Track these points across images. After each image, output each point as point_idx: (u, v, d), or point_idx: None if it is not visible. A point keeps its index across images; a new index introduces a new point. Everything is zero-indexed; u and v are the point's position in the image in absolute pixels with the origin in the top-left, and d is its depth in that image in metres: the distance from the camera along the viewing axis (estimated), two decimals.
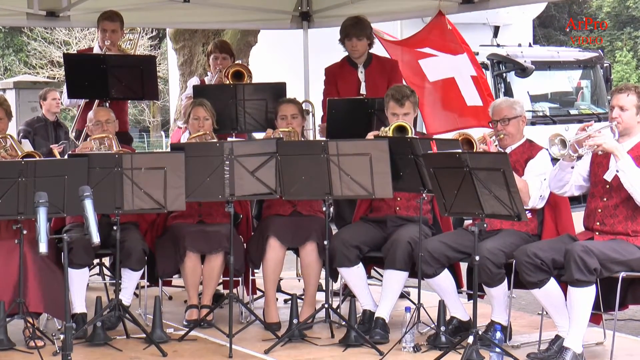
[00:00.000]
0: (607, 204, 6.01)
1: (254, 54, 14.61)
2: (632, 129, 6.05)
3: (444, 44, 8.52)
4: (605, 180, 6.03)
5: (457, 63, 8.41)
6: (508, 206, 5.73)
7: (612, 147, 5.88)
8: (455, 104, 8.45)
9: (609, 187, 6.02)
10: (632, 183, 5.86)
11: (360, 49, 8.03)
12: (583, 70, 16.16)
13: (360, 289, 6.83)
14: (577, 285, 5.75)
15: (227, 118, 7.73)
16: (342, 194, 6.47)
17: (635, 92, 6.03)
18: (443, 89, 8.54)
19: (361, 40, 8.01)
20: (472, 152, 6.35)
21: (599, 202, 6.05)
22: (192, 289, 7.01)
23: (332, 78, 8.19)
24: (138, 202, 6.33)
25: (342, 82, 8.14)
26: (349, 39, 8.03)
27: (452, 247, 6.42)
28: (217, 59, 8.46)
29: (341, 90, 8.10)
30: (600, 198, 6.05)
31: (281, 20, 9.93)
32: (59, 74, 30.18)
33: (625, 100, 6.02)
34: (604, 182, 6.04)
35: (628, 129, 6.03)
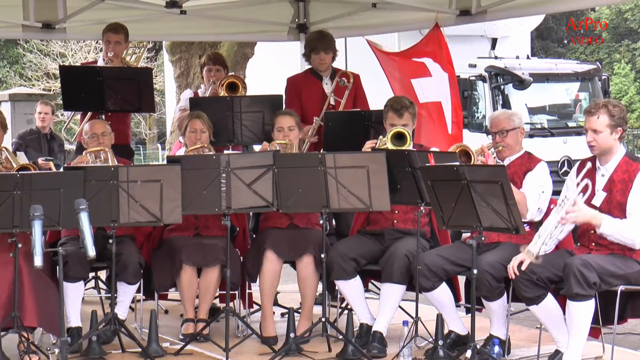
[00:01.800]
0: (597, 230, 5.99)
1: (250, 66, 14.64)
2: (611, 149, 6.03)
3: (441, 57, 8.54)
4: (594, 205, 6.02)
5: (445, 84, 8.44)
6: (506, 219, 5.73)
7: (587, 218, 5.87)
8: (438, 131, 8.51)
9: (599, 210, 6.00)
10: (619, 239, 5.88)
11: (327, 62, 8.23)
12: (581, 83, 16.20)
13: (358, 302, 6.82)
14: (576, 300, 5.74)
15: (223, 130, 7.73)
16: (339, 206, 6.47)
17: (605, 111, 5.98)
18: (430, 112, 8.59)
19: (328, 54, 8.22)
20: (469, 164, 6.35)
21: (590, 225, 6.02)
22: (189, 302, 7.00)
23: (295, 87, 8.28)
24: (134, 215, 6.33)
25: (307, 92, 8.22)
26: (316, 52, 8.20)
27: (450, 260, 6.42)
28: (211, 71, 8.47)
29: (305, 101, 8.19)
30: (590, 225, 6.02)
31: (278, 32, 9.94)
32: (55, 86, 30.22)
33: (597, 123, 6.00)
34: (592, 207, 6.01)
35: (605, 150, 6.02)
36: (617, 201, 5.97)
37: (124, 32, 8.28)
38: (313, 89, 8.24)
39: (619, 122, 6.02)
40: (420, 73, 8.67)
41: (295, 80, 8.35)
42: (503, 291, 6.24)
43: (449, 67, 8.52)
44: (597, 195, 6.01)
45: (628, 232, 5.86)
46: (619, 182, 5.98)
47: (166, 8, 8.72)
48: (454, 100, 8.50)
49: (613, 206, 5.97)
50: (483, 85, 15.14)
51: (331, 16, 9.51)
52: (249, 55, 14.37)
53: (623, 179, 5.98)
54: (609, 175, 6.04)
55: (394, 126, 6.88)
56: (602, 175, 6.08)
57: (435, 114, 8.57)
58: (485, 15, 8.65)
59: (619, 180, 5.99)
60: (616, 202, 5.97)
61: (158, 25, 9.59)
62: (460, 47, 14.74)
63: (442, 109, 8.50)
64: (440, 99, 8.48)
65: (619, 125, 6.01)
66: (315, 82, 8.26)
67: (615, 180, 6.00)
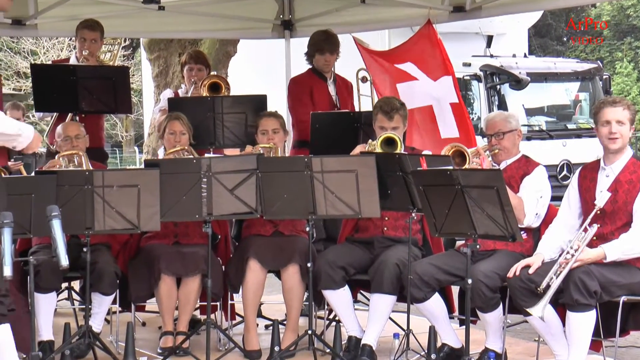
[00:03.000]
0: (602, 232, 6.01)
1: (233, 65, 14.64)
2: (625, 146, 6.11)
3: (427, 61, 8.57)
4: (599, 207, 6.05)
5: (438, 89, 8.46)
6: (502, 226, 5.74)
7: (592, 259, 5.88)
8: (429, 136, 8.54)
9: (601, 212, 6.02)
10: (630, 254, 5.92)
11: (332, 63, 8.33)
12: (581, 82, 16.25)
13: (346, 313, 6.83)
14: (576, 310, 5.76)
15: (204, 132, 7.73)
16: (326, 213, 6.47)
17: (627, 105, 6.08)
18: (419, 117, 8.61)
19: (333, 55, 8.32)
20: (463, 169, 6.37)
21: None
22: (167, 314, 6.99)
23: (306, 88, 8.28)
24: (110, 222, 6.32)
25: (317, 93, 8.26)
26: (322, 53, 8.29)
27: (443, 269, 6.43)
28: (192, 70, 8.47)
29: (318, 102, 8.19)
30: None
31: (262, 29, 9.96)
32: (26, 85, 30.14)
33: (622, 114, 6.05)
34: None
35: (624, 145, 6.09)
36: (622, 201, 5.99)
37: (100, 30, 8.27)
38: (321, 91, 8.33)
39: (634, 119, 6.12)
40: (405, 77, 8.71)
41: (303, 81, 8.36)
42: (499, 302, 6.26)
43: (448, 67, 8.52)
44: (601, 195, 6.02)
45: (631, 245, 5.90)
46: (625, 183, 6.01)
47: (144, 4, 8.72)
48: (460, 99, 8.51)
49: (618, 207, 6.00)
50: (478, 85, 15.17)
51: (318, 12, 9.53)
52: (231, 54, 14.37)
53: (631, 180, 6.00)
54: (615, 175, 6.06)
55: (384, 129, 6.89)
56: (607, 175, 6.10)
57: (425, 119, 8.59)
58: (480, 11, 8.68)
59: (626, 180, 6.01)
60: (622, 202, 5.99)
61: (135, 22, 9.59)
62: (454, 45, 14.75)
63: (434, 113, 8.52)
64: (431, 103, 8.49)
65: (633, 123, 6.10)
66: (322, 84, 8.34)
67: (621, 181, 6.03)
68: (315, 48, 8.32)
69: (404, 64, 8.72)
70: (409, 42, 8.87)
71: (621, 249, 5.89)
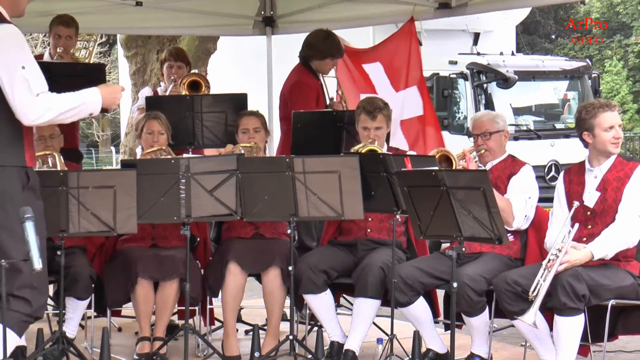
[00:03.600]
0: (593, 232, 6.04)
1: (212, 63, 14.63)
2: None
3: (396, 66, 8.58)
4: (586, 207, 6.07)
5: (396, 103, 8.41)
6: (488, 228, 5.76)
7: (581, 260, 5.89)
8: None
9: (591, 213, 6.06)
10: (618, 248, 5.95)
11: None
12: (570, 81, 16.32)
13: (328, 318, 6.83)
14: (564, 314, 5.77)
15: (183, 132, 7.72)
16: (308, 214, 6.47)
17: (617, 108, 6.20)
18: None
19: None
20: (449, 169, 6.38)
21: (583, 229, 6.06)
22: (144, 319, 6.97)
23: (315, 93, 8.29)
24: (85, 224, 6.29)
25: (321, 98, 8.29)
26: (333, 58, 8.33)
27: (428, 272, 6.44)
28: (172, 68, 8.46)
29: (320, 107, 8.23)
30: (584, 226, 6.07)
31: (243, 25, 9.95)
32: None
33: (619, 118, 6.16)
34: (585, 209, 6.07)
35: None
36: (612, 199, 6.02)
37: (75, 26, 8.25)
38: (322, 93, 8.36)
39: None
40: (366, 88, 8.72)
41: (313, 85, 8.32)
42: (485, 306, 6.27)
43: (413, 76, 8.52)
44: (590, 196, 6.05)
45: (619, 238, 5.93)
46: (614, 180, 6.05)
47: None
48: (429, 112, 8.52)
49: (608, 205, 6.03)
50: (464, 83, 15.22)
51: (300, 8, 9.53)
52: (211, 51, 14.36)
53: (619, 177, 6.05)
54: (603, 174, 6.11)
55: (367, 129, 6.90)
56: (595, 176, 6.14)
57: None
58: (467, 8, 8.69)
59: (614, 178, 6.05)
60: (612, 200, 6.02)
61: (112, 18, 9.57)
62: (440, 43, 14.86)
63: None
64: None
65: None
66: (320, 85, 8.36)
67: (610, 179, 6.07)
68: (329, 54, 8.31)
69: (373, 63, 8.73)
70: (387, 40, 8.89)
71: (610, 245, 5.91)
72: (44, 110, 5.36)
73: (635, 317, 6.17)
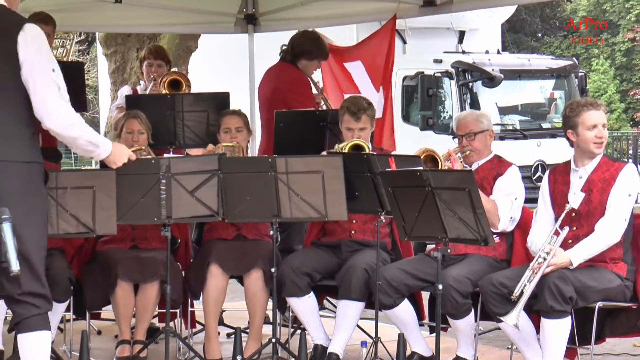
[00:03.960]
0: (578, 234, 6.06)
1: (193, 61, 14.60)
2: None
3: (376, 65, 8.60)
4: (571, 209, 6.08)
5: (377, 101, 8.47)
6: (474, 229, 5.76)
7: (564, 263, 5.91)
8: None
9: (576, 215, 6.08)
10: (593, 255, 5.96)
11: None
12: (556, 80, 16.37)
13: (312, 321, 6.83)
14: (551, 316, 5.79)
15: (163, 132, 7.71)
16: (291, 216, 6.47)
17: (603, 107, 6.22)
18: None
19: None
20: (434, 169, 6.39)
21: (569, 231, 6.09)
22: (124, 322, 6.96)
23: (310, 90, 8.32)
24: (63, 226, 6.27)
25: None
26: (319, 61, 8.42)
27: (412, 274, 6.45)
28: (152, 66, 8.45)
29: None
30: (569, 227, 6.09)
31: (224, 23, 9.94)
32: None
33: (604, 117, 6.18)
34: (569, 212, 6.08)
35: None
36: (597, 201, 6.03)
37: (53, 24, 8.22)
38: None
39: None
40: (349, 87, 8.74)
41: (307, 81, 8.40)
42: (470, 308, 6.29)
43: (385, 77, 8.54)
44: (575, 197, 6.07)
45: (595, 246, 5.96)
46: (599, 181, 6.06)
47: None
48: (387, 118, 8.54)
49: (593, 207, 6.04)
50: (449, 82, 15.24)
51: (282, 6, 9.53)
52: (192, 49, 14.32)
53: (604, 178, 6.06)
54: (588, 175, 6.12)
55: (351, 130, 6.90)
56: (580, 177, 6.15)
57: None
58: (452, 6, 8.70)
59: (599, 179, 6.07)
60: (597, 202, 6.03)
61: (90, 15, 9.54)
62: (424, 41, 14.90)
63: None
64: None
65: None
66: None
67: (595, 180, 6.08)
68: (324, 55, 8.40)
69: (354, 62, 8.75)
70: (369, 37, 8.91)
71: (589, 250, 5.94)
72: (71, 123, 5.41)
73: (622, 319, 6.20)
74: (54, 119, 5.31)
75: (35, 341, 5.21)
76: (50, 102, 5.27)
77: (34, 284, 5.20)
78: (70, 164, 34.12)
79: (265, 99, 8.43)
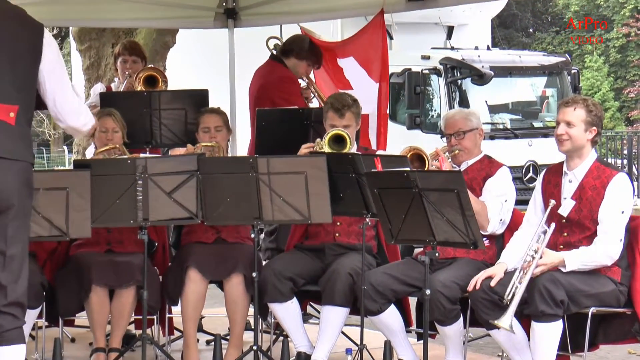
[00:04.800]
0: (569, 240, 6.08)
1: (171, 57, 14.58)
2: (582, 149, 6.12)
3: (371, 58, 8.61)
4: (561, 214, 6.10)
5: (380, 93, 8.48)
6: (463, 232, 5.77)
7: (555, 264, 5.91)
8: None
9: (567, 221, 6.09)
10: (588, 266, 5.95)
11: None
12: (548, 77, 16.43)
13: (295, 327, 6.83)
14: (541, 320, 5.80)
15: (139, 130, 7.70)
16: (273, 218, 6.48)
17: (583, 105, 6.09)
18: None
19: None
20: (422, 170, 6.40)
21: (559, 237, 6.09)
22: (99, 329, 6.95)
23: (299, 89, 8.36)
24: (35, 229, 6.24)
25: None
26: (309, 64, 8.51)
27: (399, 279, 6.46)
28: (126, 62, 8.44)
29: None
30: (560, 233, 6.09)
31: (203, 17, 9.92)
32: None
33: (572, 115, 6.09)
34: (560, 217, 6.10)
35: (576, 147, 6.09)
36: (587, 210, 6.04)
37: None
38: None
39: (595, 120, 6.10)
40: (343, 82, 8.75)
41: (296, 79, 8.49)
42: (459, 314, 6.30)
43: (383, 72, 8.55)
44: (565, 203, 6.09)
45: (596, 256, 5.96)
46: (589, 189, 6.06)
47: None
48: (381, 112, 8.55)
49: (583, 216, 6.05)
50: (438, 79, 15.28)
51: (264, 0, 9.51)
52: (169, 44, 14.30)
53: (594, 186, 6.06)
54: (579, 181, 6.12)
55: (334, 127, 6.91)
56: (570, 181, 6.15)
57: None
58: (439, 0, 8.71)
59: (589, 187, 6.07)
60: (587, 211, 6.04)
61: (63, 9, 9.50)
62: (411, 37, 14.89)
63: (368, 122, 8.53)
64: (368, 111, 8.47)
65: (594, 125, 6.10)
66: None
67: (585, 187, 6.08)
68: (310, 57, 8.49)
69: (346, 58, 8.76)
70: (358, 33, 8.91)
71: (584, 260, 5.93)
72: (89, 119, 5.53)
73: (616, 325, 6.22)
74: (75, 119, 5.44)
75: (11, 356, 5.19)
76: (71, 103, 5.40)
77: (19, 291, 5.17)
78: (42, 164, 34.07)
79: (253, 97, 8.45)
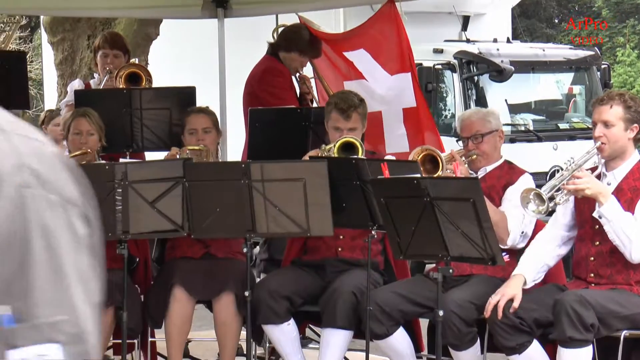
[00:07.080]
0: (601, 250, 6.08)
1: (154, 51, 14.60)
2: (624, 150, 6.14)
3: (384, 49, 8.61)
4: (595, 219, 6.10)
5: (393, 87, 8.45)
6: (480, 246, 5.78)
7: (596, 191, 5.94)
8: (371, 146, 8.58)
9: (600, 227, 6.09)
10: (618, 234, 5.94)
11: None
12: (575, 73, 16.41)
13: (292, 352, 6.84)
14: (569, 346, 5.80)
15: (119, 133, 7.71)
16: (268, 231, 6.49)
17: (621, 101, 6.09)
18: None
19: None
20: (434, 177, 6.40)
21: (591, 247, 6.11)
22: None
23: (288, 81, 8.40)
24: None
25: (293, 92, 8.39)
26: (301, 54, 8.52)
27: (408, 299, 6.46)
28: (107, 57, 8.44)
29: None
30: (592, 242, 6.11)
31: (190, 7, 9.93)
32: None
33: (609, 114, 6.10)
34: (593, 222, 6.10)
35: (617, 150, 6.11)
36: None
37: None
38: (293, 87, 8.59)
39: (635, 117, 6.10)
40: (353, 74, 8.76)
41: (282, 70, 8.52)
42: (475, 338, 6.30)
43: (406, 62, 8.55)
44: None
45: (631, 229, 5.92)
46: (628, 191, 6.05)
47: None
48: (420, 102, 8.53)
49: None
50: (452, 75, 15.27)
51: None
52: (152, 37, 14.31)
53: (634, 187, 6.05)
54: (617, 182, 6.12)
55: (339, 130, 6.91)
56: (609, 183, 6.15)
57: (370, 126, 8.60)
58: None
59: (629, 188, 6.06)
60: None
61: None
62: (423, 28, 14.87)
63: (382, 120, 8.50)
64: (380, 108, 8.44)
65: (635, 121, 6.09)
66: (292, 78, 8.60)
67: (624, 189, 6.07)
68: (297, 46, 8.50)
69: (356, 51, 8.75)
70: (365, 25, 8.91)
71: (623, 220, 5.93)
72: None
73: None
74: None
75: None
76: None
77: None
78: None
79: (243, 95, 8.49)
